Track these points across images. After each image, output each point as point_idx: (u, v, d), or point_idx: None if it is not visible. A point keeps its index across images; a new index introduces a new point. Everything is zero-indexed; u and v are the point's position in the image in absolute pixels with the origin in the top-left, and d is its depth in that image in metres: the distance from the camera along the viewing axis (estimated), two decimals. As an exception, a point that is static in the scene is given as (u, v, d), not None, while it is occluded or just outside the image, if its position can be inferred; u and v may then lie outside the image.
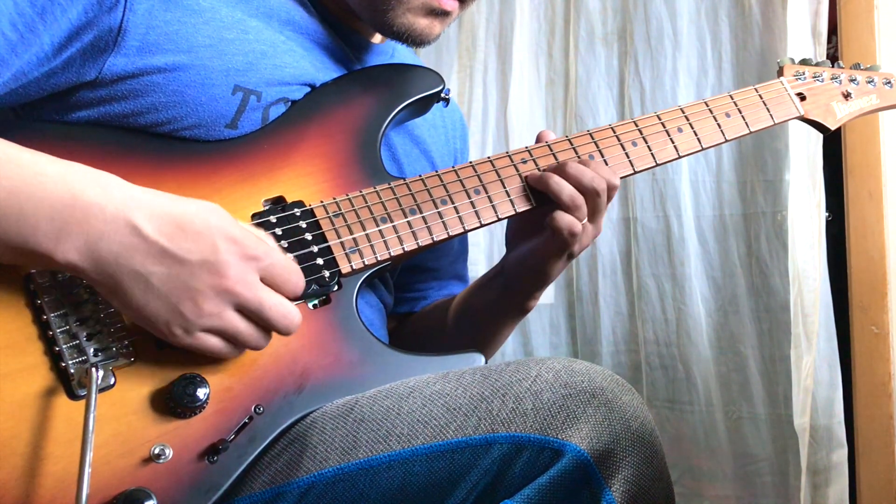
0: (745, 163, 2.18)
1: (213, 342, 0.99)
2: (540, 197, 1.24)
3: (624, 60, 2.34)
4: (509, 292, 1.37)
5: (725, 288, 2.19)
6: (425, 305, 1.53)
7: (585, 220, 1.25)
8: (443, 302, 1.51)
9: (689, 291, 2.21)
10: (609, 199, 1.26)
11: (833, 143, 2.06)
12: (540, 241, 1.27)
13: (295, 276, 1.03)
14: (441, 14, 1.24)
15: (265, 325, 1.00)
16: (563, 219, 1.22)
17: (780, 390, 2.10)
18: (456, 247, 1.54)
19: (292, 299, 1.03)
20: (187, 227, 0.95)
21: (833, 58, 1.99)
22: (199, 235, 0.95)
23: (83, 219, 0.92)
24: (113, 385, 0.99)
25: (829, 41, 2.08)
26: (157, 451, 0.98)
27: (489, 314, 1.40)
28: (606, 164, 1.28)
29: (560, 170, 1.24)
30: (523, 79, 2.46)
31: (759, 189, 2.15)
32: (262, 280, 0.99)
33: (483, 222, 1.21)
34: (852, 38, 2.05)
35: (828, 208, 2.08)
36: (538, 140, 1.30)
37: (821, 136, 1.99)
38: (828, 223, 2.07)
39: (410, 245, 1.16)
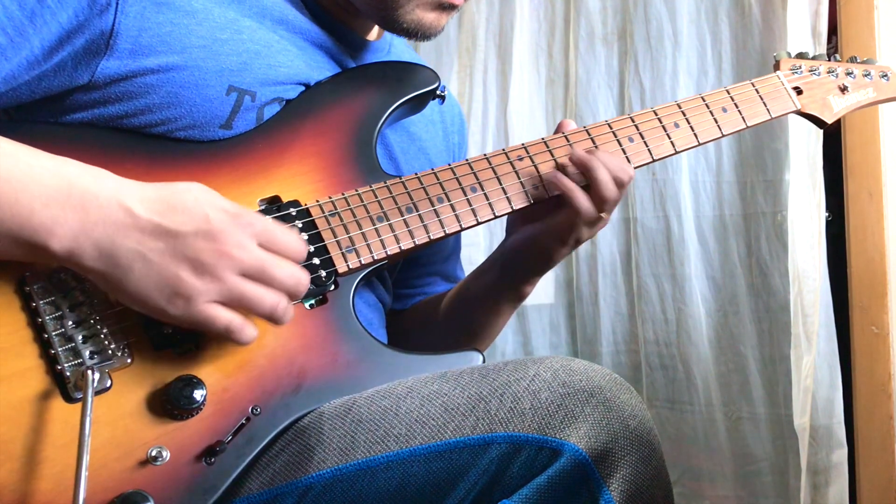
0: (745, 163, 2.18)
1: (220, 312, 0.97)
2: (539, 194, 1.24)
3: (624, 60, 2.34)
4: (508, 276, 1.36)
5: (725, 288, 2.19)
6: (419, 301, 1.53)
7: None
8: (433, 298, 1.51)
9: (689, 291, 2.20)
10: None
11: (833, 142, 2.06)
12: (550, 224, 1.27)
13: (294, 240, 1.02)
14: (449, 7, 1.24)
15: (273, 287, 0.99)
16: (584, 204, 1.23)
17: (780, 390, 2.10)
18: (450, 244, 1.53)
19: (298, 262, 1.02)
20: (177, 204, 0.96)
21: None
22: (190, 209, 0.96)
23: (78, 205, 0.93)
24: (109, 388, 0.98)
25: (829, 41, 2.08)
26: (154, 454, 0.97)
27: (486, 300, 1.40)
28: None
29: (594, 154, 1.24)
30: (523, 79, 2.46)
31: (759, 189, 2.15)
32: (261, 245, 0.98)
33: (480, 220, 1.21)
34: (852, 39, 2.05)
35: (828, 208, 2.08)
36: (558, 130, 1.30)
37: (821, 136, 2.00)
38: (828, 223, 2.07)
39: (407, 244, 1.16)
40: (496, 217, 1.22)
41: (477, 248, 2.39)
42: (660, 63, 2.27)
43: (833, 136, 2.03)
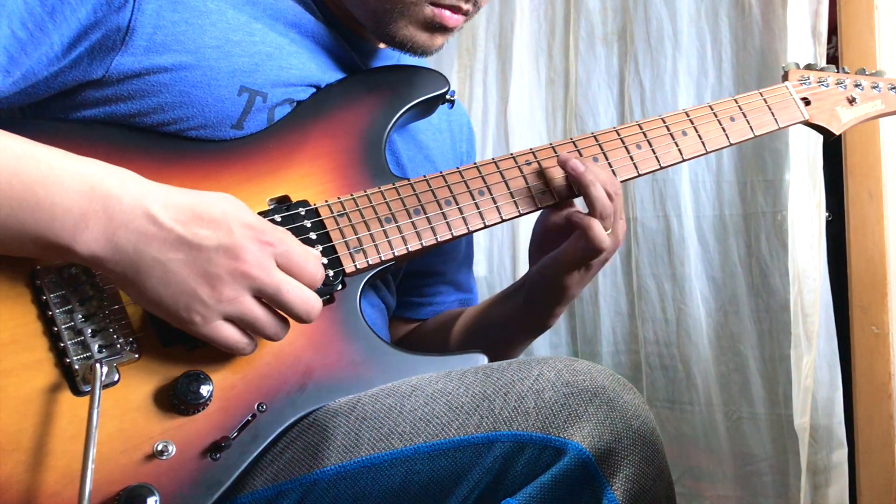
0: (745, 163, 2.18)
1: (230, 332, 0.98)
2: (546, 199, 1.25)
3: (624, 60, 2.34)
4: (529, 307, 1.36)
5: (725, 288, 2.19)
6: (432, 312, 1.52)
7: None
8: (447, 318, 1.50)
9: (689, 291, 2.20)
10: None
11: (833, 143, 2.06)
12: (559, 251, 1.27)
13: (312, 264, 1.02)
14: (441, 28, 1.24)
15: (284, 310, 1.00)
16: (597, 230, 1.22)
17: (780, 390, 2.09)
18: (462, 251, 1.54)
19: (312, 289, 1.03)
20: (203, 215, 0.96)
21: (833, 58, 1.99)
22: (215, 222, 0.96)
23: (101, 209, 0.93)
24: (117, 381, 0.99)
25: (829, 41, 2.08)
26: (160, 448, 0.98)
27: (506, 329, 1.40)
28: (611, 166, 1.29)
29: (587, 168, 1.23)
30: (523, 79, 2.46)
31: (759, 189, 2.15)
32: (279, 266, 0.99)
33: (487, 223, 1.22)
34: (852, 39, 2.05)
35: (828, 208, 2.08)
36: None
37: (821, 136, 2.00)
38: (828, 223, 2.07)
39: (414, 245, 1.17)
40: (503, 221, 1.23)
41: (477, 248, 2.37)
42: (660, 63, 2.27)
43: (833, 137, 2.03)
